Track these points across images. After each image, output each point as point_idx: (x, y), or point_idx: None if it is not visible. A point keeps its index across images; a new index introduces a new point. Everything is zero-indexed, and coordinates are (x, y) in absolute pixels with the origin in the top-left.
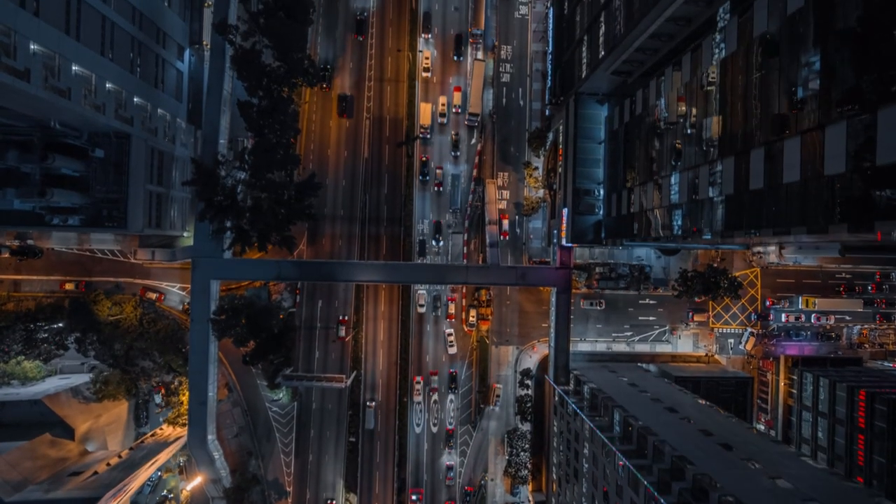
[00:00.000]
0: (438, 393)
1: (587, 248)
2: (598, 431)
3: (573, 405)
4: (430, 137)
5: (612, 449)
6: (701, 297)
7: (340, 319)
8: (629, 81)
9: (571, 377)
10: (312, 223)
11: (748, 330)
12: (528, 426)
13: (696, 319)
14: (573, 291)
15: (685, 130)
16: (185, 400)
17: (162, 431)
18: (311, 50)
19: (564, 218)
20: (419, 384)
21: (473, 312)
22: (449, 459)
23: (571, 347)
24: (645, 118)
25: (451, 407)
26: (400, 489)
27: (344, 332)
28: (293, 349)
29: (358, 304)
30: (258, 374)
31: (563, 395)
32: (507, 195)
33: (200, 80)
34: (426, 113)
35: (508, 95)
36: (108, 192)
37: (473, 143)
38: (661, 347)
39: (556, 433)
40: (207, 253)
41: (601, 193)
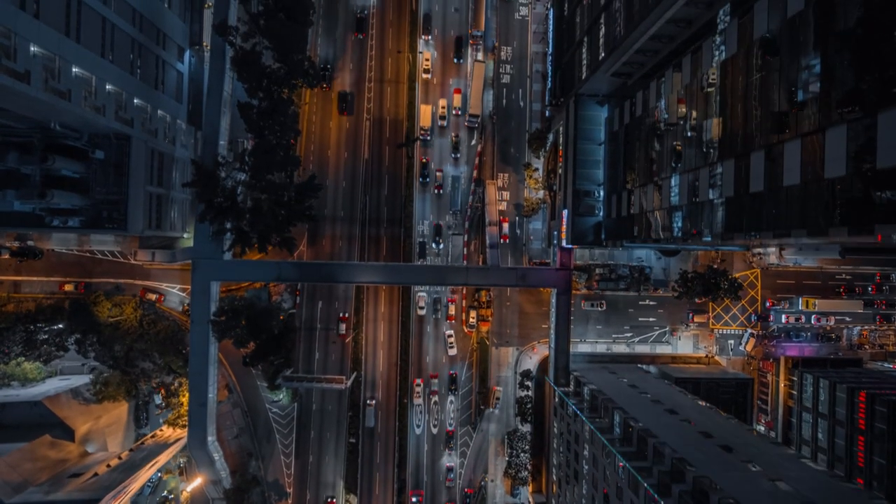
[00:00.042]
0: (438, 395)
1: (587, 249)
2: (598, 433)
3: (573, 406)
4: (430, 139)
5: (612, 451)
6: (701, 298)
7: (341, 317)
8: (629, 83)
9: (571, 378)
10: (312, 224)
11: (748, 331)
12: (528, 427)
13: (696, 320)
14: (573, 292)
15: (685, 132)
16: (185, 401)
17: (162, 433)
18: (311, 51)
19: (564, 219)
20: (419, 386)
21: (473, 314)
22: (449, 461)
23: (571, 348)
24: (645, 120)
25: (451, 408)
26: (400, 490)
27: (344, 329)
28: (293, 350)
29: (358, 305)
30: (258, 375)
31: (563, 396)
32: (507, 196)
33: (200, 81)
34: (426, 115)
35: (508, 96)
36: (108, 193)
37: (473, 144)
38: (661, 348)
39: (556, 434)
40: (207, 254)
41: (601, 195)
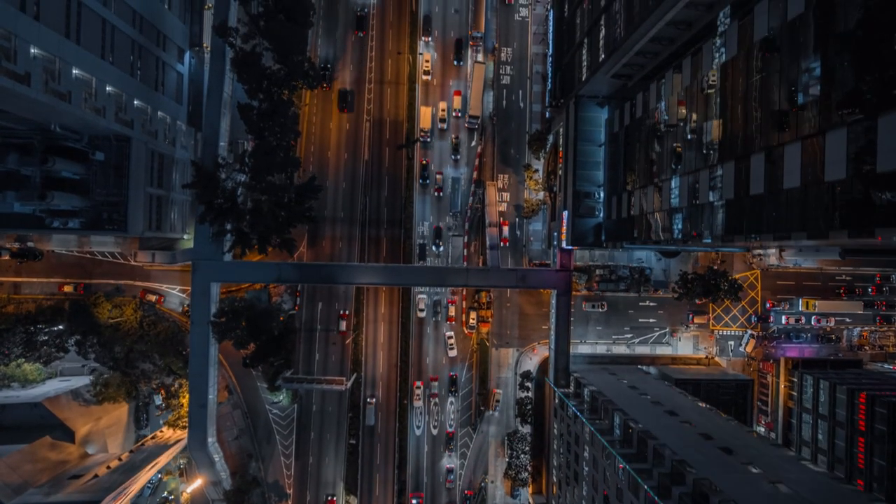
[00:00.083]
0: (438, 396)
1: (587, 250)
2: (598, 435)
3: (573, 408)
4: (430, 141)
5: (612, 452)
6: (701, 299)
7: (341, 314)
8: (629, 84)
9: (572, 380)
10: (313, 226)
11: (748, 332)
12: (528, 428)
13: (696, 321)
14: (574, 294)
15: (685, 134)
16: (185, 402)
17: (162, 434)
18: (311, 51)
19: (565, 220)
20: (419, 389)
21: (474, 315)
22: (449, 462)
23: (571, 349)
24: (645, 121)
25: (451, 409)
26: (400, 491)
27: (344, 326)
28: (293, 351)
29: (358, 306)
30: (258, 376)
31: (563, 397)
32: (507, 197)
33: (201, 82)
34: (426, 116)
35: (509, 98)
36: (108, 194)
37: (473, 145)
38: (661, 349)
39: (556, 436)
40: (208, 255)
41: (601, 196)
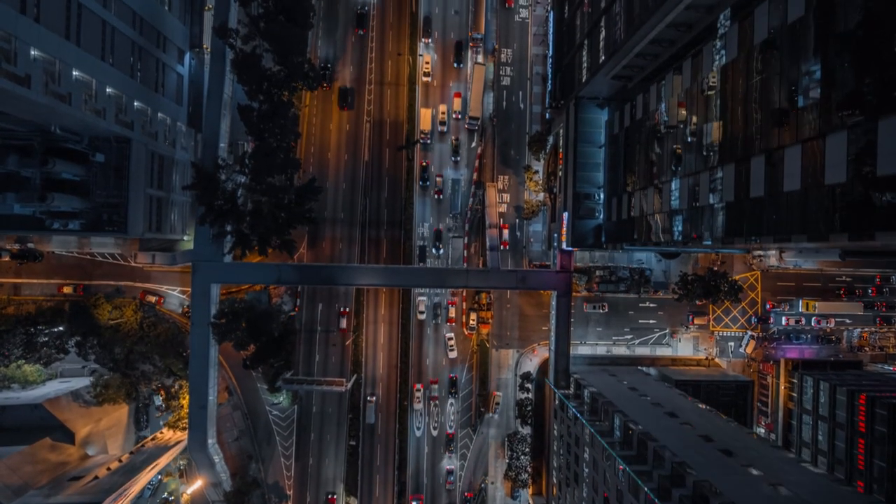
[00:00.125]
0: (439, 398)
1: (587, 251)
2: (598, 436)
3: (573, 409)
4: (430, 143)
5: (612, 454)
6: (701, 300)
7: (341, 311)
8: (629, 86)
9: (572, 381)
10: (313, 227)
11: (748, 333)
12: (528, 430)
13: (696, 323)
14: (574, 295)
15: (685, 137)
16: (185, 403)
17: (162, 435)
18: (311, 52)
19: (565, 222)
20: (419, 392)
21: (474, 316)
22: (449, 463)
23: (572, 351)
24: (645, 123)
25: (451, 411)
26: (400, 492)
27: (345, 323)
28: (293, 353)
29: (358, 307)
30: (258, 377)
31: (563, 399)
32: (507, 198)
33: (201, 83)
34: (426, 118)
35: (509, 99)
36: (108, 196)
37: (473, 146)
38: (661, 351)
39: (556, 437)
40: (208, 257)
41: (601, 197)
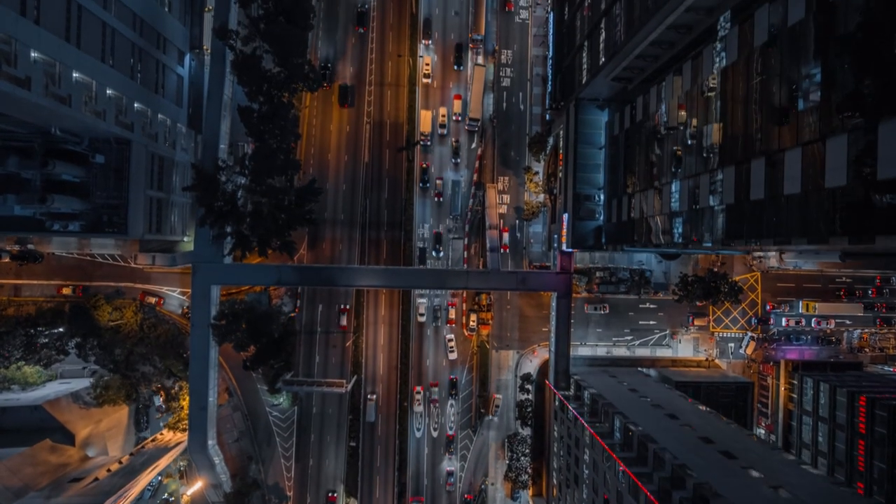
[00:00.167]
0: (439, 399)
1: (587, 252)
2: (598, 438)
3: (573, 411)
4: (430, 145)
5: (612, 456)
6: (701, 301)
7: (341, 308)
8: (630, 88)
9: (572, 382)
10: (313, 228)
11: (748, 334)
12: (528, 431)
13: (696, 324)
14: (574, 296)
15: (686, 139)
16: (185, 405)
17: (162, 436)
18: (311, 53)
19: (565, 223)
20: (419, 394)
21: (474, 317)
22: (449, 465)
23: (572, 352)
24: (645, 124)
25: (451, 412)
26: (400, 493)
27: (345, 321)
28: (293, 354)
29: (358, 309)
30: (259, 378)
31: (563, 400)
32: (507, 200)
33: (201, 85)
34: (426, 120)
35: (509, 100)
36: (108, 197)
37: (473, 147)
38: (661, 352)
39: (556, 438)
40: (208, 258)
41: (602, 199)
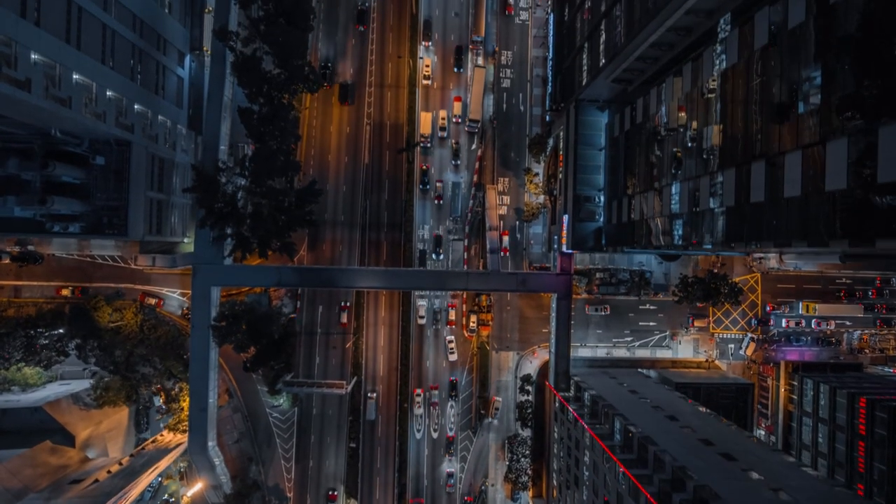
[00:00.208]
0: (439, 401)
1: (588, 253)
2: (598, 440)
3: (574, 412)
4: (430, 147)
5: (612, 458)
6: (701, 302)
7: (342, 305)
8: (630, 89)
9: (572, 383)
10: (313, 229)
11: (748, 335)
12: (528, 432)
13: (696, 325)
14: (574, 297)
15: (686, 141)
16: (185, 406)
17: (162, 438)
18: (311, 54)
19: (565, 224)
20: (419, 397)
21: (474, 318)
22: (449, 466)
23: (572, 353)
24: (646, 126)
25: (451, 413)
26: (400, 494)
27: (346, 318)
28: (293, 355)
29: (358, 310)
30: (259, 380)
31: (563, 401)
32: (507, 201)
33: (201, 86)
34: (426, 122)
35: (509, 101)
36: (108, 199)
37: (474, 148)
38: (661, 353)
39: (556, 439)
40: (208, 259)
41: (602, 200)
